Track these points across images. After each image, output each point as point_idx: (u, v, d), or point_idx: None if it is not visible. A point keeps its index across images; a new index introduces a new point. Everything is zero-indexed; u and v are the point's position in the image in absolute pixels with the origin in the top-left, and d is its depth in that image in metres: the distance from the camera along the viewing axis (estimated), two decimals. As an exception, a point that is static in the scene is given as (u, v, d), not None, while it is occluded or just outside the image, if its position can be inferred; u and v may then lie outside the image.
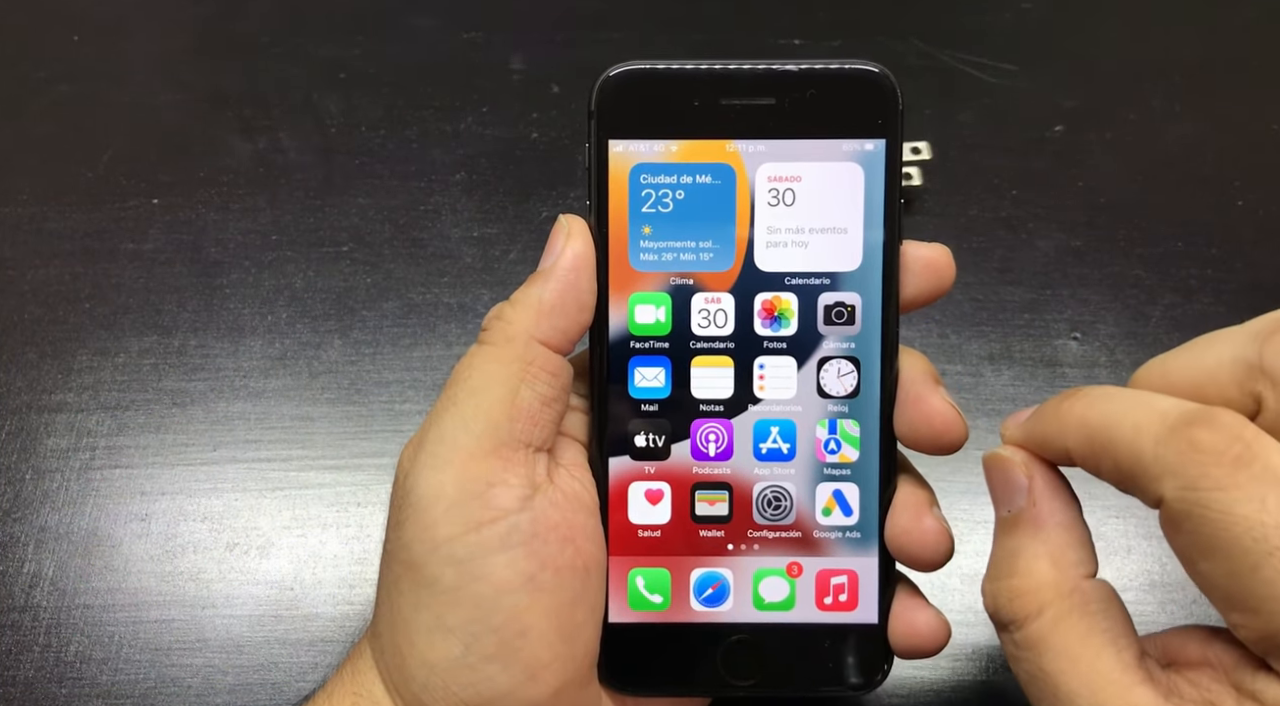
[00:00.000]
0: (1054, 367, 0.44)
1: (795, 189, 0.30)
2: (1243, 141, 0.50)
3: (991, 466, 0.28)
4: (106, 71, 0.52)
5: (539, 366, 0.29)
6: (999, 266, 0.46)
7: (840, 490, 0.31)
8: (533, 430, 0.29)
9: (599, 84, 0.30)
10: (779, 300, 0.30)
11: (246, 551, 0.40)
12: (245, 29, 0.54)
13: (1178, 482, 0.23)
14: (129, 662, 0.38)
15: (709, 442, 0.31)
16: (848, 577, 0.31)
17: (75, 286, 0.46)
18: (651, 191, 0.30)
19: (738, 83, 0.30)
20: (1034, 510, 0.26)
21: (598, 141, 0.30)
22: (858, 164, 0.30)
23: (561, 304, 0.29)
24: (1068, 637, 0.25)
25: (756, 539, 0.31)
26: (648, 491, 0.31)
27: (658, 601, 0.31)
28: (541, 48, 0.53)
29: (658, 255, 0.30)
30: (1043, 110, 0.51)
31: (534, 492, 0.28)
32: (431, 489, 0.28)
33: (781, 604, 0.31)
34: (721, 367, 0.31)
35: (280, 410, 0.43)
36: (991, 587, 0.27)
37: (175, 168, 0.49)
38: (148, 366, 0.44)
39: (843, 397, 0.31)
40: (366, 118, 0.51)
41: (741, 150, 0.30)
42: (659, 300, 0.30)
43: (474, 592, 0.27)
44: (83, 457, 0.42)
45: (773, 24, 0.53)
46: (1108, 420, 0.25)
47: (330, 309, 0.45)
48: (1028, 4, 0.55)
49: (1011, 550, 0.27)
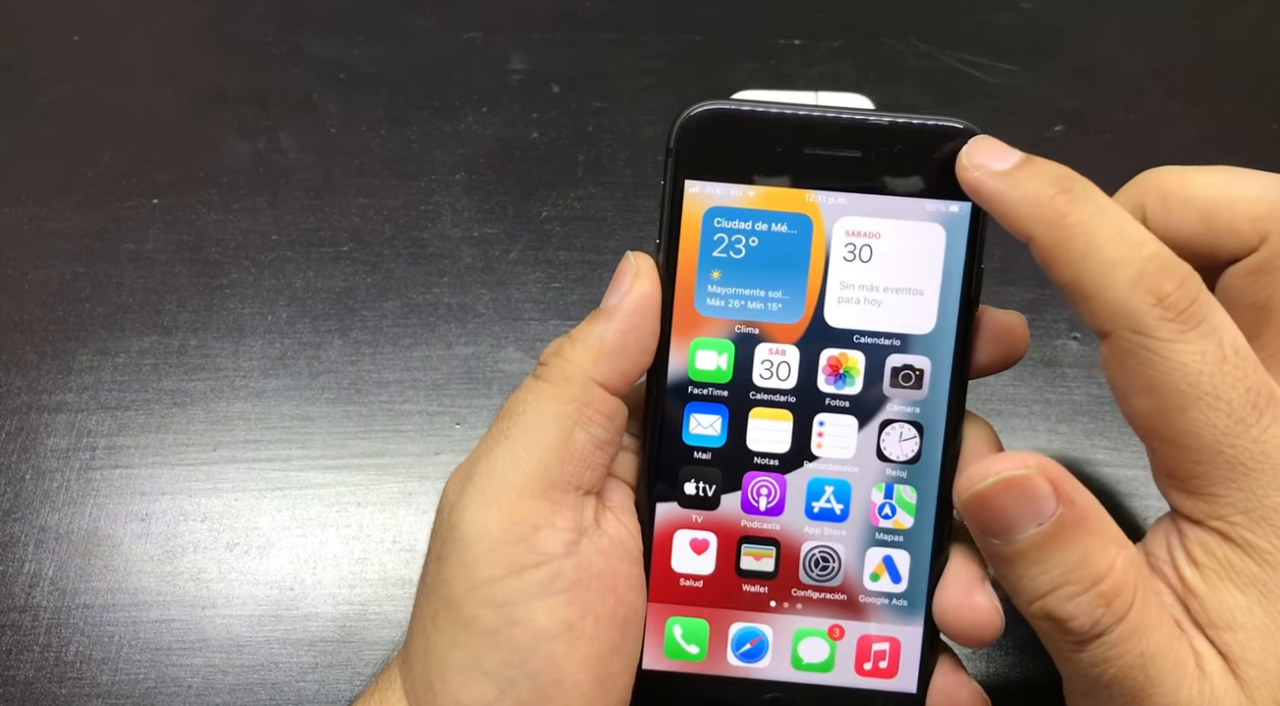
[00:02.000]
0: (1054, 367, 0.44)
1: (873, 245, 0.29)
2: (1243, 141, 0.50)
3: (1000, 492, 0.25)
4: (106, 71, 0.52)
5: (595, 408, 0.28)
6: (999, 266, 0.46)
7: (891, 556, 0.30)
8: (584, 473, 0.28)
9: (680, 122, 0.29)
10: (845, 357, 0.30)
11: (246, 551, 0.40)
12: (245, 29, 0.54)
13: (1133, 325, 0.25)
14: (129, 662, 0.38)
15: (760, 496, 0.30)
16: (889, 645, 0.30)
17: (75, 286, 0.46)
18: (725, 236, 0.29)
19: (823, 132, 0.29)
20: (1075, 509, 0.25)
21: (674, 181, 0.29)
22: (940, 225, 0.29)
23: (623, 346, 0.29)
24: (1155, 605, 0.25)
25: (800, 598, 0.30)
26: (693, 541, 0.30)
27: (694, 652, 0.30)
28: (541, 48, 0.53)
29: (725, 301, 0.29)
30: (1043, 110, 0.51)
31: (580, 538, 0.28)
32: (477, 526, 0.27)
33: (820, 666, 0.30)
34: (780, 421, 0.30)
35: (280, 410, 0.43)
36: (1078, 604, 0.25)
37: (175, 168, 0.49)
38: (148, 366, 0.44)
39: (902, 462, 0.30)
40: (366, 118, 0.50)
41: (821, 201, 0.29)
42: (722, 347, 0.30)
43: (512, 637, 0.27)
44: (83, 457, 0.42)
45: (772, 24, 0.53)
46: (1090, 237, 0.25)
47: (330, 309, 0.45)
48: (1028, 4, 0.55)
49: (1079, 558, 0.25)
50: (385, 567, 0.40)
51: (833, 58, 0.52)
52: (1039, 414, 0.43)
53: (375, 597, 0.39)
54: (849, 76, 0.51)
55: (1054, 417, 0.43)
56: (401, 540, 0.41)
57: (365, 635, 0.39)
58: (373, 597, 0.39)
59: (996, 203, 0.27)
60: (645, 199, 0.48)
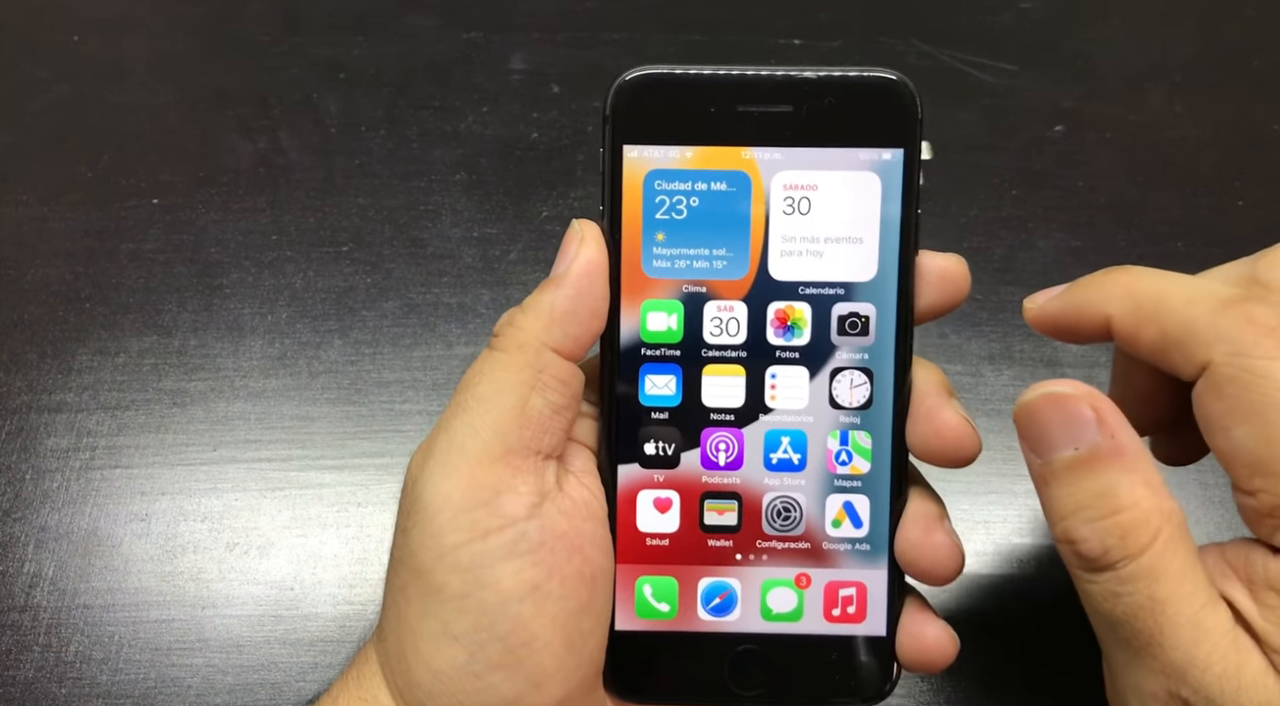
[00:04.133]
0: (1054, 368, 0.44)
1: (811, 197, 0.30)
2: (1243, 141, 0.50)
3: (1044, 406, 0.26)
4: (106, 71, 0.52)
5: (550, 374, 0.29)
6: (999, 266, 0.46)
7: (850, 502, 0.31)
8: (543, 437, 0.29)
9: (614, 88, 0.29)
10: (792, 309, 0.30)
11: (246, 551, 0.40)
12: (245, 29, 0.54)
13: (1230, 348, 0.24)
14: (129, 662, 0.38)
15: (719, 452, 0.31)
16: (856, 589, 0.31)
17: (75, 286, 0.46)
18: (666, 198, 0.30)
19: (755, 89, 0.29)
20: (1115, 441, 0.25)
21: (612, 146, 0.30)
22: (875, 173, 0.29)
23: (574, 311, 0.29)
24: (1181, 560, 0.25)
25: (765, 549, 0.31)
26: (656, 500, 0.31)
27: (665, 610, 0.31)
28: (541, 48, 0.53)
29: (671, 262, 0.30)
30: (1043, 110, 0.51)
31: (542, 500, 0.28)
32: (439, 495, 0.28)
33: (789, 614, 0.31)
34: (733, 376, 0.30)
35: (280, 410, 0.43)
36: (1093, 529, 0.25)
37: (175, 168, 0.49)
38: (148, 366, 0.44)
39: (855, 409, 0.30)
40: (366, 118, 0.51)
41: (757, 157, 0.30)
42: (671, 308, 0.30)
43: (480, 600, 0.27)
44: (83, 457, 0.42)
45: (772, 24, 0.53)
46: (1159, 290, 0.26)
47: (330, 309, 0.45)
48: (1027, 4, 0.55)
49: (1105, 487, 0.25)
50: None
51: (833, 58, 0.52)
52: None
53: (375, 597, 0.39)
54: (849, 76, 0.51)
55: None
56: (401, 540, 0.41)
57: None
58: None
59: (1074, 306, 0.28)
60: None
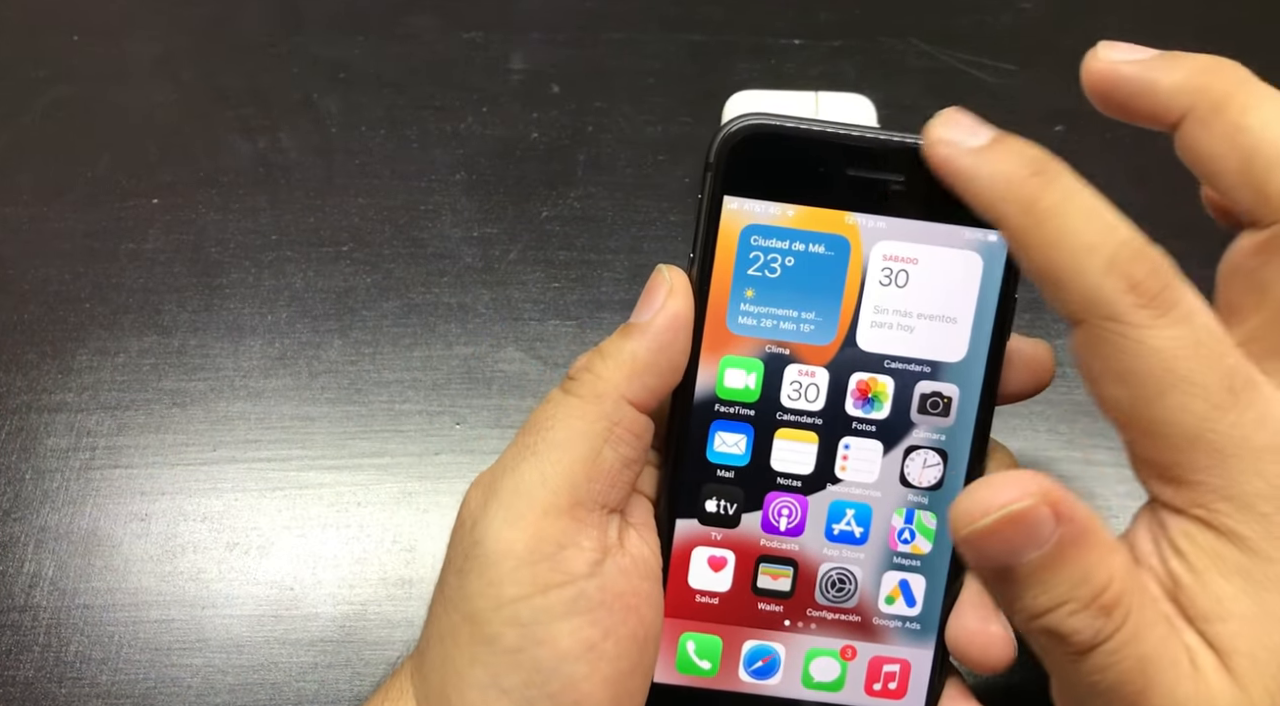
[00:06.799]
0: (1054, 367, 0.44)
1: (910, 271, 0.29)
2: (1243, 141, 0.50)
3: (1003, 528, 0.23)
4: (106, 71, 0.52)
5: (625, 426, 0.28)
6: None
7: (907, 580, 0.30)
8: (610, 491, 0.28)
9: (721, 135, 0.28)
10: (875, 382, 0.29)
11: (246, 551, 0.40)
12: (245, 29, 0.54)
13: (1105, 312, 0.24)
14: (129, 662, 0.38)
15: (781, 516, 0.30)
16: (900, 666, 0.30)
17: (75, 286, 0.46)
18: (760, 254, 0.29)
19: (867, 155, 0.28)
20: (1074, 525, 0.24)
21: (712, 196, 0.29)
22: (978, 254, 0.29)
23: (655, 363, 0.28)
24: (1150, 612, 0.25)
25: (815, 618, 0.30)
26: (711, 558, 0.30)
27: (706, 667, 0.30)
28: (541, 48, 0.53)
29: (757, 320, 0.29)
30: (1043, 110, 0.51)
31: (604, 557, 0.28)
32: (502, 543, 0.27)
33: (830, 685, 0.30)
34: (805, 443, 0.30)
35: (280, 410, 0.43)
36: (1080, 619, 0.24)
37: (175, 168, 0.49)
38: (148, 366, 0.44)
39: (925, 489, 0.30)
40: (366, 118, 0.50)
41: (860, 224, 0.29)
42: (751, 366, 0.29)
43: (534, 657, 0.27)
44: (83, 457, 0.42)
45: (772, 25, 0.53)
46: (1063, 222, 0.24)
47: (330, 309, 0.45)
48: (1027, 4, 0.55)
49: (1081, 574, 0.24)
50: (385, 567, 0.40)
51: (833, 58, 0.52)
52: (1039, 414, 0.43)
53: (375, 597, 0.39)
54: (849, 76, 0.51)
55: (1054, 418, 0.43)
56: (401, 540, 0.41)
57: (365, 635, 0.39)
58: (373, 597, 0.39)
59: (964, 181, 0.26)
60: (645, 199, 0.48)
